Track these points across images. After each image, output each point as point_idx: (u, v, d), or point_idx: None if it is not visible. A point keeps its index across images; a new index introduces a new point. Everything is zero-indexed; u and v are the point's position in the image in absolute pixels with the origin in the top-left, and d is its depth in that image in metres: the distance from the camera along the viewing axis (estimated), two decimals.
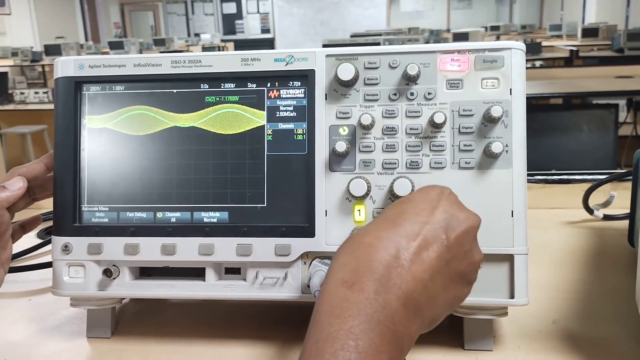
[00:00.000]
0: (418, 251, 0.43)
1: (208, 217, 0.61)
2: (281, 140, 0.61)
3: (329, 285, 0.42)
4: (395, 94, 0.59)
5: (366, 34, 8.17)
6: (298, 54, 0.61)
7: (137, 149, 0.62)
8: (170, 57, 0.63)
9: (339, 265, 0.44)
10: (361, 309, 0.40)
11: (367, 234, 0.45)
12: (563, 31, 8.92)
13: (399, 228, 0.44)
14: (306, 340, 0.40)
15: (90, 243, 0.62)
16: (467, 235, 0.46)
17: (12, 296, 0.79)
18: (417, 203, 0.47)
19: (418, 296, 0.42)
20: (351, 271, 0.42)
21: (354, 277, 0.42)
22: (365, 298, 0.40)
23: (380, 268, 0.42)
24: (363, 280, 0.41)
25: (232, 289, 0.61)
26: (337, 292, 0.41)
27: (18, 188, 0.62)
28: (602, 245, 0.89)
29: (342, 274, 0.42)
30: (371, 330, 0.39)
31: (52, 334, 0.68)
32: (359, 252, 0.43)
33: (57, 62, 0.64)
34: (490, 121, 0.57)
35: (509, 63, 0.58)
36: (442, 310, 0.46)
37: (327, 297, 0.42)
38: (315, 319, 0.41)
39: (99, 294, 0.63)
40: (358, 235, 0.46)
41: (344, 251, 0.45)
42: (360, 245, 0.44)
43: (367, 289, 0.41)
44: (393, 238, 0.43)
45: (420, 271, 0.42)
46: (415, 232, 0.44)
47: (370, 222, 0.48)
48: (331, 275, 0.43)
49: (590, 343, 0.62)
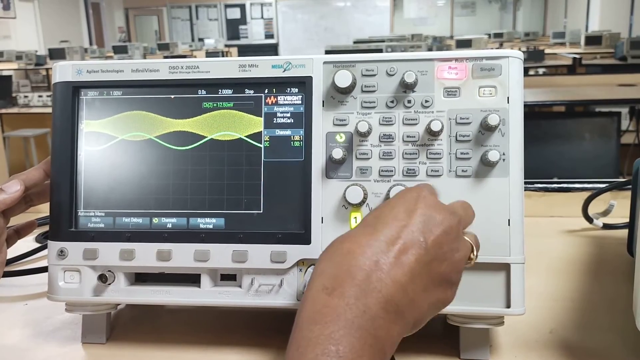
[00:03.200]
0: (397, 255, 0.43)
1: (204, 223, 0.61)
2: (278, 147, 0.61)
3: (310, 292, 0.43)
4: (393, 102, 0.59)
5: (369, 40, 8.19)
6: (296, 60, 0.61)
7: (134, 154, 0.62)
8: (168, 62, 0.63)
9: (319, 272, 0.44)
10: (341, 314, 0.40)
11: (346, 240, 0.45)
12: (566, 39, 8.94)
13: (377, 233, 0.44)
14: (288, 346, 0.41)
15: (85, 248, 0.62)
16: (446, 236, 0.46)
17: (8, 300, 0.79)
18: (395, 207, 0.47)
19: (399, 300, 0.42)
20: (331, 277, 0.42)
21: (334, 283, 0.42)
22: (345, 303, 0.40)
23: (360, 273, 0.42)
24: (343, 285, 0.41)
25: (228, 296, 0.61)
26: (318, 298, 0.41)
27: (15, 191, 0.62)
28: (601, 254, 0.88)
29: (322, 280, 0.43)
30: (351, 335, 0.39)
31: (47, 339, 0.68)
32: (338, 259, 0.44)
33: (55, 66, 0.64)
34: (487, 129, 0.57)
35: (506, 71, 0.57)
36: (425, 313, 0.45)
37: (308, 304, 0.42)
38: (297, 325, 0.41)
39: (94, 299, 0.63)
40: (338, 242, 0.46)
41: (324, 258, 0.45)
42: (339, 252, 0.44)
43: (347, 295, 0.41)
44: (372, 243, 0.43)
45: (400, 274, 0.42)
46: (394, 236, 0.44)
47: (351, 229, 0.48)
48: (312, 282, 0.44)
49: (587, 353, 0.61)
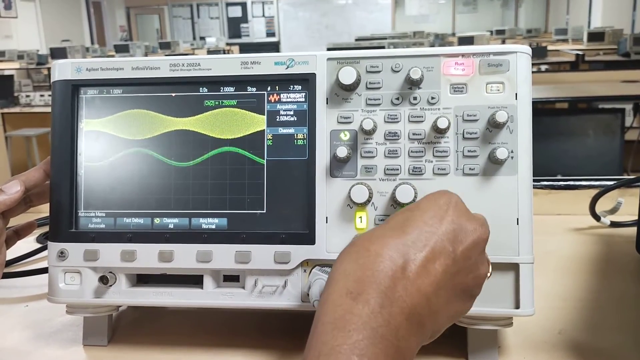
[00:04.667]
0: (424, 263, 0.41)
1: (206, 223, 0.60)
2: (281, 145, 0.59)
3: (332, 295, 0.41)
4: (398, 99, 0.58)
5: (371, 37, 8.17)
6: (299, 57, 0.60)
7: (134, 154, 0.61)
8: (169, 60, 0.61)
9: (342, 273, 0.42)
10: (366, 322, 0.38)
11: (372, 241, 0.43)
12: (569, 35, 8.91)
13: (406, 236, 0.43)
14: (307, 351, 0.39)
15: (86, 249, 0.61)
16: (475, 248, 0.45)
17: (8, 302, 0.78)
18: (425, 211, 0.45)
19: (421, 310, 0.40)
20: (355, 281, 0.41)
21: (358, 287, 0.40)
22: (370, 311, 0.39)
23: (386, 279, 0.40)
24: (368, 291, 0.40)
25: (231, 297, 0.60)
26: (341, 303, 0.40)
27: (15, 192, 0.61)
28: (609, 253, 0.87)
29: (346, 283, 0.41)
30: (375, 345, 0.37)
31: (48, 342, 0.67)
32: (363, 260, 0.42)
33: (54, 65, 0.63)
34: (495, 126, 0.56)
35: (514, 67, 0.56)
36: (443, 324, 0.44)
37: (329, 308, 0.40)
38: (317, 330, 0.39)
39: (95, 301, 0.62)
40: (362, 242, 0.44)
41: (347, 258, 0.43)
42: (365, 253, 0.42)
43: (373, 302, 0.39)
44: (399, 248, 0.42)
45: (426, 284, 0.41)
46: (423, 242, 0.42)
47: (375, 228, 0.46)
48: (334, 283, 0.42)
49: (597, 354, 0.60)
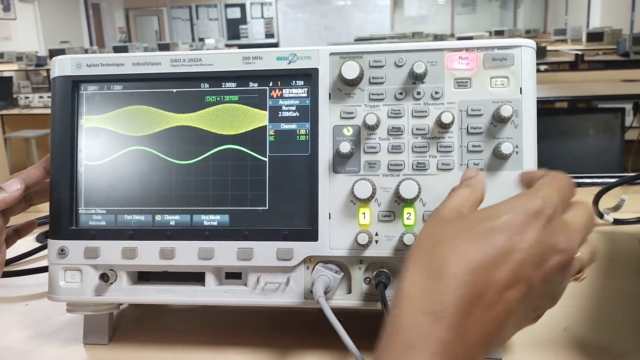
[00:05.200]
0: (504, 288, 0.37)
1: (208, 220, 0.60)
2: (283, 141, 0.59)
3: (407, 311, 0.37)
4: (402, 93, 0.57)
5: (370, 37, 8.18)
6: (301, 52, 0.59)
7: (135, 151, 0.61)
8: (170, 55, 0.61)
9: (415, 288, 0.38)
10: (446, 348, 0.35)
11: (449, 254, 0.38)
12: (568, 35, 8.92)
13: (487, 257, 0.37)
14: None
15: (87, 247, 0.60)
16: (558, 271, 0.39)
17: (8, 301, 0.78)
18: (512, 223, 0.39)
19: (494, 337, 0.38)
20: (434, 302, 0.37)
21: (437, 307, 0.36)
22: (451, 338, 0.36)
23: (466, 305, 0.36)
24: (447, 317, 0.36)
25: (233, 295, 0.60)
26: (419, 323, 0.36)
27: (15, 189, 0.61)
28: (612, 251, 0.87)
29: (422, 302, 0.37)
30: None
31: (48, 340, 0.66)
32: (439, 281, 0.37)
33: (54, 61, 0.63)
34: (499, 121, 0.55)
35: (519, 61, 0.56)
36: (506, 339, 0.42)
37: (405, 324, 0.37)
38: (391, 346, 0.36)
39: (95, 299, 0.61)
40: (437, 251, 0.39)
41: (419, 271, 0.38)
42: (440, 271, 0.38)
43: (454, 327, 0.36)
44: (480, 272, 0.37)
45: (501, 311, 0.37)
46: (504, 266, 0.37)
47: (450, 225, 0.41)
48: (407, 298, 0.38)
49: (602, 351, 0.60)
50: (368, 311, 0.58)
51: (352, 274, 0.58)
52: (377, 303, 0.57)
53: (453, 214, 0.42)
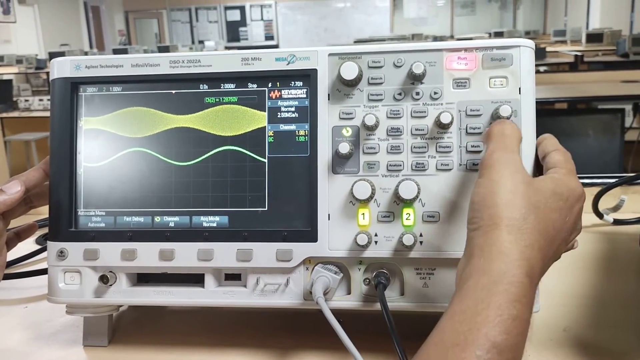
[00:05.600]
0: (559, 248, 0.49)
1: (207, 221, 0.60)
2: (283, 142, 0.59)
3: (512, 270, 0.43)
4: (400, 94, 0.57)
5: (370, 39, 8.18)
6: (300, 53, 0.59)
7: (134, 152, 0.61)
8: (169, 57, 0.61)
9: (517, 252, 0.44)
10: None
11: (538, 221, 0.46)
12: (567, 37, 8.93)
13: (554, 227, 0.47)
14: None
15: (86, 248, 0.60)
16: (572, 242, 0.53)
17: (8, 303, 0.78)
18: (571, 203, 0.49)
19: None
20: (530, 265, 0.44)
21: (531, 271, 0.44)
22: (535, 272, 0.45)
23: (543, 262, 0.46)
24: (536, 271, 0.45)
25: (232, 296, 0.60)
26: (523, 281, 0.43)
27: (15, 192, 0.61)
28: (612, 251, 0.87)
29: (524, 263, 0.44)
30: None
31: (48, 342, 0.66)
32: (534, 249, 0.45)
33: (53, 62, 0.63)
34: None
35: (517, 61, 0.56)
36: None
37: (511, 280, 0.43)
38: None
39: (95, 301, 0.61)
40: (532, 218, 0.46)
41: (516, 232, 0.45)
42: (533, 238, 0.45)
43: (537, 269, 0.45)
44: (550, 235, 0.47)
45: (553, 257, 0.49)
46: (562, 231, 0.48)
47: (534, 195, 0.47)
48: (508, 257, 0.44)
49: (601, 351, 0.60)
50: (367, 312, 0.58)
51: (352, 274, 0.58)
52: (376, 304, 0.57)
53: (526, 177, 0.48)
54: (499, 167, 0.47)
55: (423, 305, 0.57)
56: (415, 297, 0.57)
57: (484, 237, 0.44)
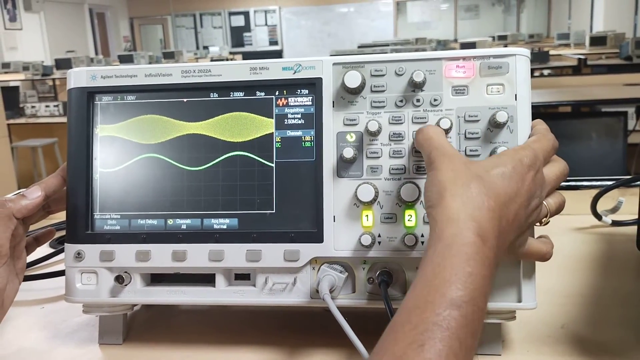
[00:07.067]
0: (513, 219, 0.50)
1: (218, 223, 0.62)
2: (289, 148, 0.62)
3: (462, 231, 0.46)
4: (402, 101, 0.60)
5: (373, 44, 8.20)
6: (306, 62, 0.62)
7: (148, 158, 0.63)
8: (181, 67, 0.64)
9: (465, 215, 0.47)
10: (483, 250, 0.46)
11: (486, 189, 0.49)
12: (571, 40, 8.93)
13: (506, 193, 0.49)
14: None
15: (102, 250, 0.63)
16: (534, 210, 0.53)
17: (25, 304, 0.80)
18: (517, 170, 0.51)
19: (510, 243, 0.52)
20: (481, 227, 0.47)
21: (482, 232, 0.47)
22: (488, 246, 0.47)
23: (498, 228, 0.48)
24: (490, 238, 0.47)
25: (242, 295, 0.62)
26: (475, 242, 0.46)
27: (36, 196, 0.63)
28: (610, 251, 0.89)
29: (473, 225, 0.47)
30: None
31: (65, 341, 0.69)
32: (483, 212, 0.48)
33: (70, 73, 0.66)
34: (495, 126, 0.58)
35: (513, 69, 0.58)
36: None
37: (463, 241, 0.46)
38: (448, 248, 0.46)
39: (111, 300, 0.64)
40: (476, 187, 0.49)
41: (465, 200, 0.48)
42: (482, 203, 0.48)
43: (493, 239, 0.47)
44: (503, 203, 0.49)
45: (512, 230, 0.51)
46: (514, 202, 0.50)
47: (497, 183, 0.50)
48: (458, 221, 0.47)
49: (599, 348, 0.62)
50: (372, 310, 0.61)
51: (356, 274, 0.61)
52: (380, 302, 0.59)
53: (463, 157, 0.52)
54: (437, 159, 0.51)
55: None
56: None
57: (435, 211, 0.48)
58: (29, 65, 8.02)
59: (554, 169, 0.56)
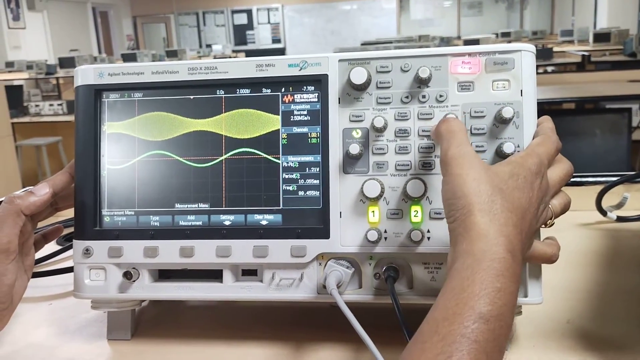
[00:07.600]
0: (528, 227, 0.51)
1: (225, 219, 0.63)
2: (295, 144, 0.62)
3: (492, 248, 0.47)
4: (407, 97, 0.60)
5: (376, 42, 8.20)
6: (311, 59, 0.62)
7: (155, 155, 0.64)
8: (187, 64, 0.64)
9: (494, 231, 0.47)
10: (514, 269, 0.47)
11: (508, 202, 0.49)
12: (574, 36, 8.91)
13: (520, 205, 0.50)
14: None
15: (110, 246, 0.63)
16: (541, 214, 0.54)
17: (33, 301, 0.81)
18: (528, 180, 0.51)
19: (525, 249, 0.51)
20: (509, 241, 0.48)
21: (511, 247, 0.47)
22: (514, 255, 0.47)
23: (518, 238, 0.49)
24: (517, 252, 0.48)
25: (249, 290, 0.62)
26: (506, 257, 0.46)
27: (44, 193, 0.63)
28: (615, 247, 0.89)
29: (503, 240, 0.47)
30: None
31: (73, 337, 0.69)
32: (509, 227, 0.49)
33: (77, 70, 0.66)
34: (501, 122, 0.58)
35: (519, 65, 0.58)
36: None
37: (493, 256, 0.46)
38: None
39: (119, 296, 0.64)
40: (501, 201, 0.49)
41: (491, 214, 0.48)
42: (507, 219, 0.49)
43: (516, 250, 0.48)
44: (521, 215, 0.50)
45: (528, 236, 0.52)
46: (529, 211, 0.51)
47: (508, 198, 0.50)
48: (488, 237, 0.47)
49: (604, 342, 0.62)
50: (378, 305, 0.61)
51: (363, 269, 0.61)
52: (386, 297, 0.60)
53: (483, 164, 0.52)
54: (458, 161, 0.51)
55: (431, 298, 0.60)
56: (424, 290, 0.60)
57: (463, 226, 0.48)
58: (33, 64, 8.05)
59: (558, 171, 0.56)
